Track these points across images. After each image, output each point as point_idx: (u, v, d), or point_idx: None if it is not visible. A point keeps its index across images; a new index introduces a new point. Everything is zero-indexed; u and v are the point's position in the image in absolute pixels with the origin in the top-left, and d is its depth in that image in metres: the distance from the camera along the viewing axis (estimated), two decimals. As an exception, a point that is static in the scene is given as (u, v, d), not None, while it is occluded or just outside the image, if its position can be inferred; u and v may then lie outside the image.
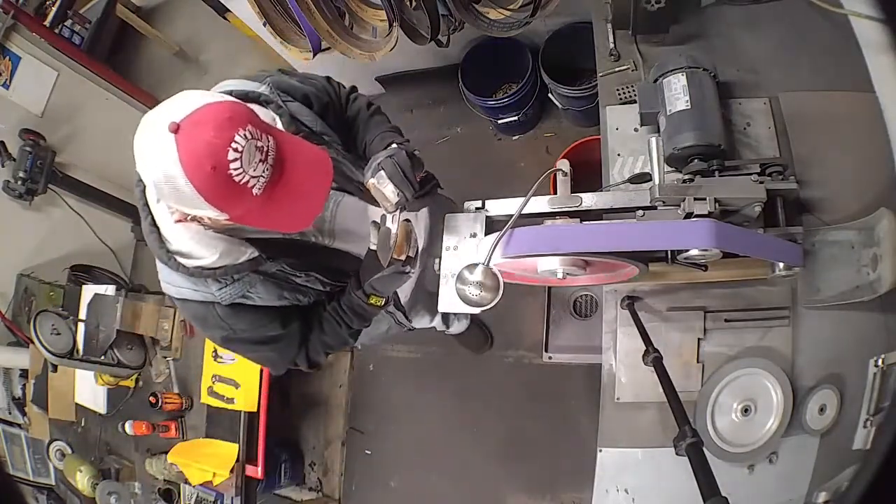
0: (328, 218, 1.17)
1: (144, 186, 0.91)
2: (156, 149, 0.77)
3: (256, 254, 0.97)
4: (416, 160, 1.04)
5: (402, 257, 1.06)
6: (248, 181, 0.79)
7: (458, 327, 2.13)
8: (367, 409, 2.54)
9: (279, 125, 0.97)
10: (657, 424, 1.22)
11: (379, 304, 1.11)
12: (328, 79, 1.20)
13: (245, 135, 0.78)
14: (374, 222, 1.06)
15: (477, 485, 2.24)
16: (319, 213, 0.93)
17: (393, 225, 1.04)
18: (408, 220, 1.07)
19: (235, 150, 0.77)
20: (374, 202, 1.05)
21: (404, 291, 1.47)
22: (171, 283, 0.99)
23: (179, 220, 0.90)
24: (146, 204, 0.94)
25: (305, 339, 1.12)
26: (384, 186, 1.00)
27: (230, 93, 0.95)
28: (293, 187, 0.85)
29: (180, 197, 0.79)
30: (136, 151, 0.82)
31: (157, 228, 0.94)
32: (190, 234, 0.91)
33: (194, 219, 0.89)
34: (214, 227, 0.93)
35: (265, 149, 0.81)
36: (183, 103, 0.79)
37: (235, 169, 0.77)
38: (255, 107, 0.95)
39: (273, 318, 1.05)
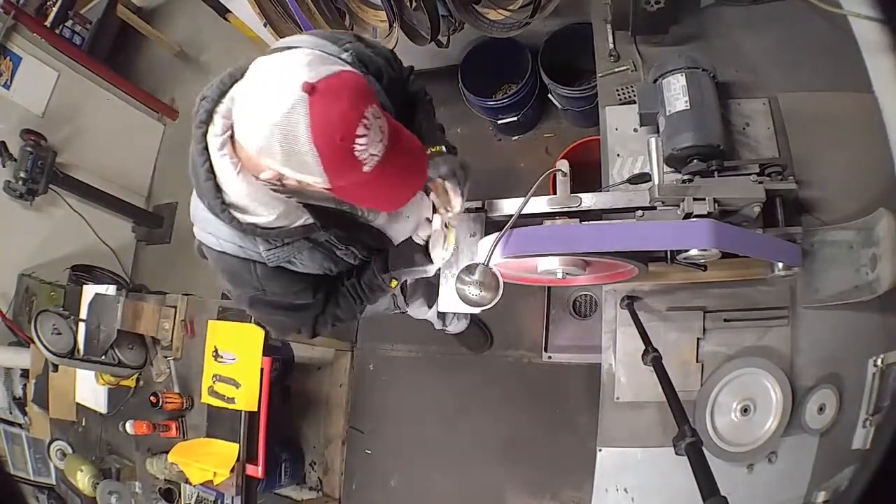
0: None
1: (207, 129, 0.87)
2: (281, 107, 0.74)
3: (311, 220, 0.95)
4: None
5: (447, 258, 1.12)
6: (365, 158, 0.79)
7: (457, 327, 2.14)
8: (367, 408, 2.54)
9: None
10: (657, 424, 1.22)
11: (394, 286, 1.14)
12: (393, 52, 1.19)
13: (373, 112, 0.79)
14: (428, 219, 1.10)
15: (477, 484, 2.24)
16: (408, 200, 0.92)
17: (445, 229, 1.10)
18: (453, 227, 1.12)
19: (365, 125, 0.77)
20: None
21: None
22: (215, 234, 0.96)
23: (257, 177, 0.86)
24: (206, 148, 0.87)
25: (323, 310, 1.14)
26: (455, 195, 1.05)
27: (321, 52, 0.91)
28: (398, 170, 0.85)
29: (294, 161, 0.77)
30: (243, 101, 0.80)
31: (214, 176, 0.88)
32: (250, 189, 0.87)
33: (279, 178, 0.85)
34: (281, 189, 0.90)
35: (384, 129, 0.81)
36: (313, 63, 0.78)
37: (360, 144, 0.77)
38: None
39: (307, 285, 1.05)
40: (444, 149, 1.10)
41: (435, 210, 1.11)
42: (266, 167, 0.83)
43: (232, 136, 0.85)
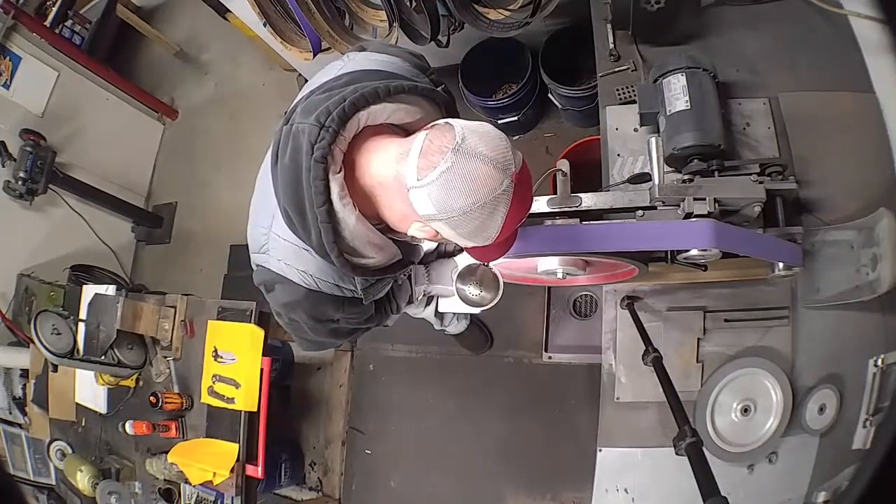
0: None
1: (328, 166, 0.79)
2: (483, 182, 0.75)
3: (401, 256, 0.95)
4: None
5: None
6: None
7: (456, 327, 2.13)
8: (367, 408, 2.54)
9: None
10: (657, 424, 1.22)
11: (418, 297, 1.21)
12: (423, 57, 1.17)
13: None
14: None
15: (477, 484, 2.24)
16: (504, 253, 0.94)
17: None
18: None
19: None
20: None
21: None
22: (305, 270, 0.90)
23: (389, 227, 0.88)
24: (327, 186, 0.80)
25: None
26: None
27: (413, 87, 0.89)
28: (512, 222, 0.84)
29: (471, 225, 0.78)
30: (421, 157, 0.77)
31: (333, 219, 0.82)
32: (368, 233, 0.86)
33: (433, 235, 0.85)
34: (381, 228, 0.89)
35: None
36: (506, 148, 0.78)
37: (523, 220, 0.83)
38: (421, 101, 0.92)
39: (370, 314, 1.06)
40: None
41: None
42: (425, 224, 0.82)
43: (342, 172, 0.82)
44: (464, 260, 1.22)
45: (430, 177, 0.76)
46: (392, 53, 0.99)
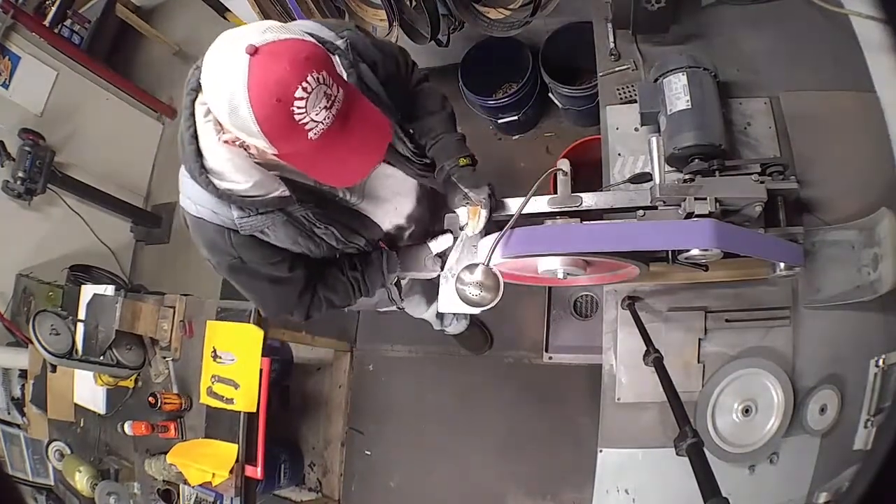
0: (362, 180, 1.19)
1: (196, 96, 0.90)
2: (228, 67, 0.77)
3: (287, 193, 0.97)
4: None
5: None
6: (307, 123, 0.79)
7: (456, 327, 2.13)
8: (367, 409, 2.53)
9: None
10: (658, 425, 1.21)
11: (391, 283, 1.21)
12: (402, 50, 1.21)
13: (318, 78, 0.78)
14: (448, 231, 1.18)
15: (477, 485, 2.24)
16: (364, 178, 0.95)
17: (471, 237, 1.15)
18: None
19: (304, 89, 0.77)
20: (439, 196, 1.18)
21: None
22: (193, 199, 0.97)
23: (227, 142, 0.89)
24: (192, 114, 0.91)
25: (308, 290, 1.14)
26: (482, 221, 1.10)
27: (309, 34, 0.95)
28: (349, 144, 0.85)
29: (237, 120, 0.79)
30: (205, 63, 0.82)
31: (197, 141, 0.91)
32: (230, 156, 0.90)
33: (242, 144, 0.88)
34: (258, 158, 0.92)
35: (333, 97, 0.81)
36: (267, 30, 0.79)
37: (299, 108, 0.78)
38: None
39: (284, 258, 1.07)
40: (471, 161, 1.13)
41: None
42: (225, 130, 0.86)
43: None
44: (437, 246, 1.22)
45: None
46: (335, 28, 1.04)
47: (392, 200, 1.21)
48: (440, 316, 1.95)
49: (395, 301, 1.57)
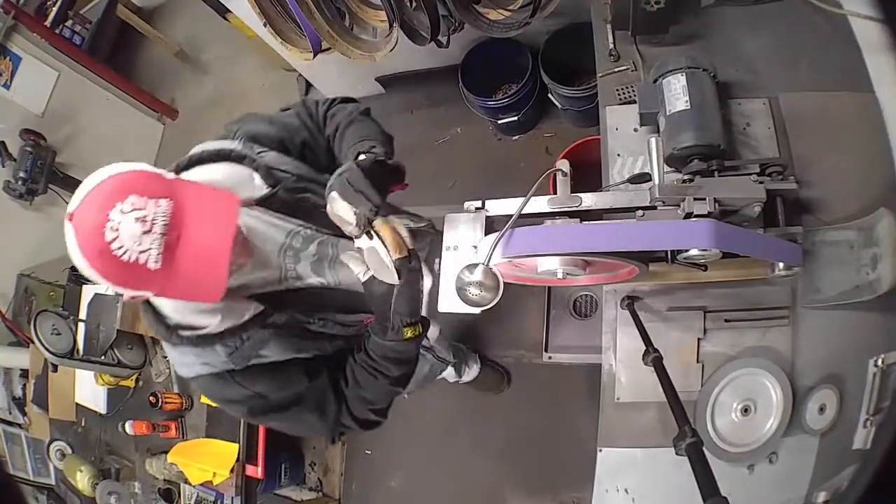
0: (329, 261, 1.07)
1: None
2: (67, 239, 0.77)
3: (261, 308, 0.91)
4: (384, 167, 0.93)
5: (405, 254, 0.91)
6: (137, 258, 0.73)
7: (469, 374, 2.09)
8: (367, 409, 2.53)
9: (257, 181, 0.94)
10: (657, 424, 1.22)
11: (416, 333, 0.97)
12: (303, 102, 1.12)
13: (122, 209, 0.73)
14: (351, 254, 0.94)
15: (477, 485, 2.24)
16: (226, 280, 0.78)
17: (371, 241, 0.90)
18: (385, 215, 0.92)
19: (112, 228, 0.73)
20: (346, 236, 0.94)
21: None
22: (183, 363, 0.93)
23: (132, 298, 0.82)
24: None
25: (339, 391, 1.01)
26: (338, 209, 0.87)
27: (202, 154, 0.93)
28: (194, 252, 0.76)
29: (100, 280, 0.76)
30: None
31: (152, 307, 0.89)
32: (175, 304, 0.85)
33: (134, 297, 0.81)
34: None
35: (149, 218, 0.74)
36: (84, 185, 0.78)
37: (118, 248, 0.73)
38: (225, 165, 0.93)
39: (295, 371, 0.96)
40: (361, 155, 0.95)
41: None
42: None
43: None
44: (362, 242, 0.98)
45: None
46: (228, 134, 1.01)
47: (343, 258, 1.01)
48: (457, 367, 1.89)
49: (446, 359, 1.47)
